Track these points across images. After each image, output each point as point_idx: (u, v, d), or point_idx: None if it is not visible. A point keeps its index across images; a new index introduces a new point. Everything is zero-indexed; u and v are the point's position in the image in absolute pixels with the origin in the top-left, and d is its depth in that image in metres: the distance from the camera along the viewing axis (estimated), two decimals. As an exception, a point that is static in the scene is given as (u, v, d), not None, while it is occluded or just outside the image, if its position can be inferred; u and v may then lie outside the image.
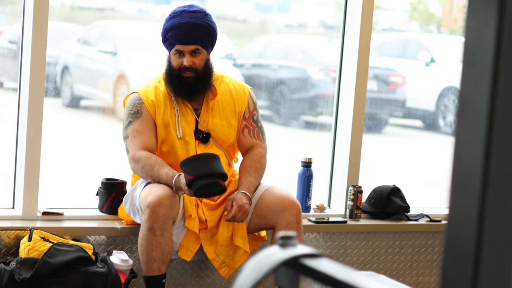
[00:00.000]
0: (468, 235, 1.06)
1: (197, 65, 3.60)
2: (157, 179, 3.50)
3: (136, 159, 3.55)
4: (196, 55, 3.59)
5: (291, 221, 3.58)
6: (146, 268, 3.48)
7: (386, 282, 2.23)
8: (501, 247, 1.06)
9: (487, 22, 1.03)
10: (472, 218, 1.05)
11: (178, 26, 3.56)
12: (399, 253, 4.38)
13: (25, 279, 3.33)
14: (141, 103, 3.63)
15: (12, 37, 4.77)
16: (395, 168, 6.39)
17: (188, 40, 3.57)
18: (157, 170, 3.49)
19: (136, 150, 3.56)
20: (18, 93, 3.78)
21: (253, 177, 3.65)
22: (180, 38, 3.57)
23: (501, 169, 1.04)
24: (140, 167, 3.53)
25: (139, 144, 3.57)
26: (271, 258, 1.18)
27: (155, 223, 3.42)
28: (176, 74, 3.61)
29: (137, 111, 3.62)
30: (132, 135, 3.60)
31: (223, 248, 3.64)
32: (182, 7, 3.62)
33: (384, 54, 7.65)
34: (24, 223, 3.70)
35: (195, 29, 3.57)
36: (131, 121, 3.62)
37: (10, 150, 3.84)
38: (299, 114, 6.56)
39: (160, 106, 3.63)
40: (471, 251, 1.05)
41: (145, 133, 3.59)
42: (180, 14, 3.59)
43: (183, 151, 3.61)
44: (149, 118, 3.62)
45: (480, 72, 1.04)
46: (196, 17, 3.58)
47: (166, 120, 3.62)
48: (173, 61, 3.61)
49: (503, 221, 1.06)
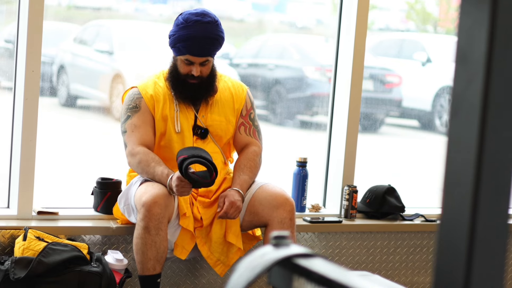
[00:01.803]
0: (460, 235, 1.06)
1: (203, 73, 3.63)
2: (152, 176, 3.51)
3: (133, 154, 3.56)
4: (205, 64, 3.62)
5: (284, 217, 3.58)
6: (141, 267, 3.48)
7: (380, 282, 2.23)
8: (494, 247, 1.06)
9: (480, 22, 1.03)
10: (464, 218, 1.05)
11: (191, 38, 3.55)
12: (394, 253, 4.38)
13: (19, 278, 3.33)
14: (140, 98, 3.64)
15: (8, 36, 4.77)
16: (391, 168, 6.40)
17: (201, 53, 3.59)
18: (153, 167, 3.50)
19: (135, 145, 3.57)
20: (13, 92, 3.77)
21: (246, 175, 3.66)
22: (193, 51, 3.58)
23: (493, 168, 1.04)
24: (137, 161, 3.54)
25: (137, 139, 3.58)
26: (265, 258, 1.18)
27: (150, 222, 3.42)
28: (182, 79, 3.63)
29: (135, 105, 3.63)
30: (130, 129, 3.61)
31: (217, 245, 3.65)
32: (195, 16, 3.58)
33: (381, 54, 7.66)
34: (19, 223, 3.70)
35: (208, 44, 3.58)
36: (130, 115, 3.63)
37: (5, 149, 3.83)
38: (295, 114, 6.56)
39: (159, 101, 3.64)
40: (463, 251, 1.05)
41: (143, 128, 3.61)
42: (194, 25, 3.56)
43: (179, 145, 3.62)
44: (148, 113, 3.63)
45: (472, 72, 1.04)
46: (210, 30, 3.57)
47: (164, 114, 3.64)
48: (180, 67, 3.62)
49: (496, 221, 1.06)
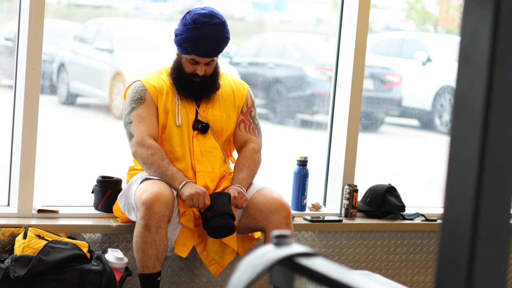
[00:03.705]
0: (462, 234, 1.05)
1: (207, 72, 3.65)
2: (162, 170, 3.52)
3: (146, 145, 3.56)
4: (210, 64, 3.64)
5: (280, 223, 3.58)
6: (141, 265, 3.48)
7: (381, 281, 2.23)
8: (496, 246, 1.06)
9: (483, 22, 1.03)
10: (466, 217, 1.05)
11: (199, 40, 3.57)
12: (394, 252, 4.38)
13: (20, 276, 3.33)
14: (145, 90, 3.65)
15: (9, 34, 4.76)
16: (391, 167, 6.40)
17: (207, 55, 3.61)
18: (167, 163, 3.53)
19: (145, 136, 3.58)
20: (14, 90, 3.77)
21: (245, 174, 3.67)
22: (200, 52, 3.60)
23: (496, 168, 1.04)
24: (150, 153, 3.55)
25: (145, 130, 3.60)
26: (266, 257, 1.18)
27: (151, 220, 3.42)
28: (187, 77, 3.64)
29: (140, 97, 3.64)
30: (136, 120, 3.61)
31: (212, 245, 3.66)
32: (203, 17, 3.59)
33: (381, 53, 7.65)
34: (19, 221, 3.70)
35: (215, 45, 3.60)
36: (135, 107, 3.64)
37: (5, 147, 3.83)
38: (295, 113, 6.56)
39: (162, 93, 3.66)
40: (465, 250, 1.05)
41: (149, 120, 3.63)
42: (202, 27, 3.58)
43: (179, 138, 3.63)
44: (153, 105, 3.65)
45: (475, 72, 1.04)
46: (217, 32, 3.59)
47: (166, 107, 3.65)
48: (185, 66, 3.64)
49: (498, 220, 1.05)
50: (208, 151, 3.65)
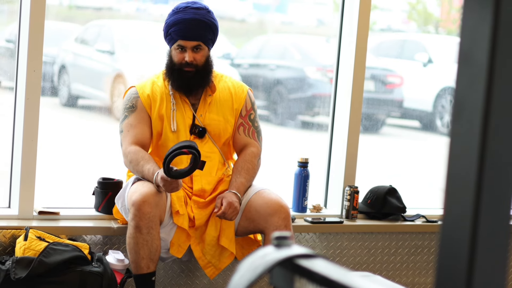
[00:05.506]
0: (462, 236, 1.05)
1: (198, 61, 3.63)
2: (141, 174, 3.53)
3: (126, 154, 3.60)
4: (198, 51, 3.63)
5: (280, 225, 3.57)
6: (134, 266, 3.48)
7: (382, 282, 2.23)
8: (496, 248, 1.06)
9: (483, 23, 1.03)
10: (466, 219, 1.05)
11: (181, 21, 3.60)
12: (395, 254, 4.38)
13: (20, 278, 3.33)
14: (137, 97, 3.66)
15: (9, 35, 4.77)
16: (392, 168, 6.40)
17: (191, 35, 3.61)
18: (141, 166, 3.52)
19: (128, 144, 3.60)
20: (14, 92, 3.77)
21: (243, 178, 3.65)
22: (183, 33, 3.60)
23: (495, 170, 1.04)
24: (128, 161, 3.58)
25: (131, 138, 3.61)
26: (266, 258, 1.18)
27: (141, 221, 3.42)
28: (177, 68, 3.64)
29: (132, 105, 3.66)
30: (126, 129, 3.63)
31: (210, 247, 3.64)
32: (185, 3, 3.66)
33: (382, 55, 7.65)
34: (20, 222, 3.70)
35: (198, 26, 3.60)
36: (127, 115, 3.66)
37: (6, 149, 3.83)
38: (296, 114, 6.56)
39: (155, 100, 3.65)
40: (465, 252, 1.05)
41: (138, 127, 3.62)
42: (184, 10, 3.62)
43: (174, 144, 3.61)
44: (144, 112, 3.65)
45: (475, 73, 1.04)
46: (199, 14, 3.62)
47: (161, 114, 3.65)
48: (174, 56, 3.64)
49: (498, 222, 1.05)
50: (206, 156, 3.61)
